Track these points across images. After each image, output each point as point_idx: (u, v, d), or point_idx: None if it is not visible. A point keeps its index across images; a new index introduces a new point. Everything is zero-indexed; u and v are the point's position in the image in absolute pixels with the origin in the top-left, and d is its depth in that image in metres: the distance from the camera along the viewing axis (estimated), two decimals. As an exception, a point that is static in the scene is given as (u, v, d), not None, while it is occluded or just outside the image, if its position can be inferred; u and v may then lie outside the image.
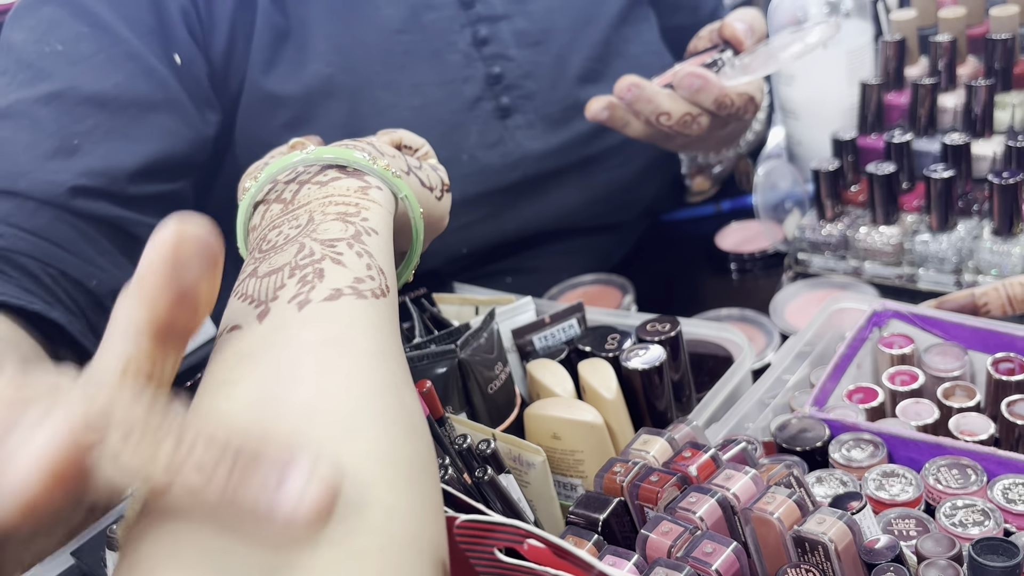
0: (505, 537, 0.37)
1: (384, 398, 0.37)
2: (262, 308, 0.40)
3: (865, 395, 0.63)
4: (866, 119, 0.94)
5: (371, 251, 0.44)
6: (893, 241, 0.86)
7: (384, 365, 0.39)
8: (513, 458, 0.57)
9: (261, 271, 0.43)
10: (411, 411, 0.39)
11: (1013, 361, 0.61)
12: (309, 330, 0.39)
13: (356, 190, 0.48)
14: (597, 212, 0.94)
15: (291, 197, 0.48)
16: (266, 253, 0.44)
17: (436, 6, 0.84)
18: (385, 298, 0.43)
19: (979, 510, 0.51)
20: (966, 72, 0.95)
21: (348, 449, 0.34)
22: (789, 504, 0.47)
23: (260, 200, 0.50)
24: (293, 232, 0.45)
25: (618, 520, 0.51)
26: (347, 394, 0.37)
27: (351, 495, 0.33)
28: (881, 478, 0.54)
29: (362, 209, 0.46)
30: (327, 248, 0.43)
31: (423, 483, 0.36)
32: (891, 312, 0.67)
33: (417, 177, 0.53)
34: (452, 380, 0.59)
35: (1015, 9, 0.90)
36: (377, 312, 0.42)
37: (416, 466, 0.36)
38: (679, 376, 0.65)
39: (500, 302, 0.72)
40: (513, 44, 0.86)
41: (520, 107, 0.86)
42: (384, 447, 0.35)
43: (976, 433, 0.59)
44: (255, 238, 0.47)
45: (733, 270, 0.97)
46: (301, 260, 0.42)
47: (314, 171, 0.49)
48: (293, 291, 0.41)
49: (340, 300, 0.40)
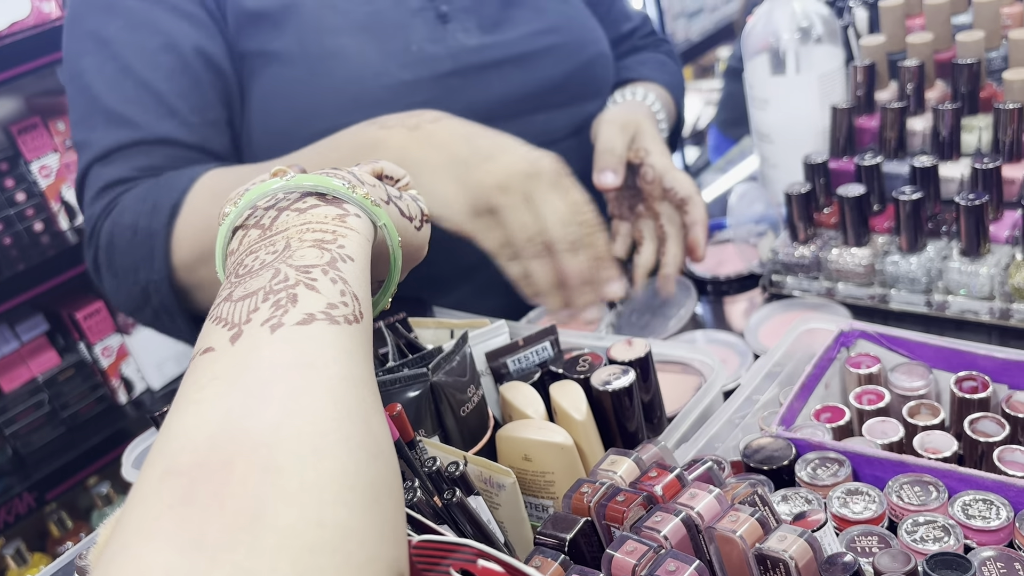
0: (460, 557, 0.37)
1: (352, 423, 0.38)
2: (235, 331, 0.41)
3: (832, 414, 0.64)
4: (838, 142, 0.95)
5: (346, 278, 0.45)
6: (864, 262, 0.87)
7: (353, 391, 0.40)
8: (484, 480, 0.58)
9: (236, 295, 0.44)
10: (378, 437, 0.40)
11: (976, 379, 0.62)
12: (281, 353, 0.40)
13: (334, 218, 0.48)
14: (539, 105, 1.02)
15: (269, 223, 0.49)
16: (242, 278, 0.45)
17: None
18: (358, 324, 0.44)
19: (940, 526, 0.51)
20: (934, 96, 0.97)
21: (314, 467, 0.35)
22: (752, 522, 0.48)
23: (239, 225, 0.51)
24: (269, 258, 0.45)
25: (586, 540, 0.51)
26: (315, 416, 0.37)
27: (311, 514, 0.33)
28: (845, 496, 0.55)
29: (339, 236, 0.47)
30: (302, 274, 0.44)
31: (384, 507, 0.37)
32: (858, 332, 0.68)
33: (397, 206, 0.54)
34: (424, 403, 0.60)
35: (980, 35, 0.92)
36: (350, 338, 0.42)
37: (379, 490, 0.37)
38: (650, 397, 0.66)
39: (475, 325, 0.73)
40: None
41: (456, 16, 0.98)
42: (349, 470, 0.36)
43: (940, 451, 0.60)
44: (232, 262, 0.48)
45: (708, 292, 0.98)
46: (275, 285, 0.43)
47: (293, 198, 0.50)
48: (266, 315, 0.41)
49: (312, 325, 0.41)
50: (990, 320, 0.82)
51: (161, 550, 0.32)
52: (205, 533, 0.33)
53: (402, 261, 0.54)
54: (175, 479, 0.35)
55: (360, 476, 0.36)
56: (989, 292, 0.81)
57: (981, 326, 0.82)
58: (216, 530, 0.33)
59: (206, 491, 0.34)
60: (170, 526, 0.33)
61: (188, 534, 0.33)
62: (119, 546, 0.33)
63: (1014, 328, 0.81)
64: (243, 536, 0.32)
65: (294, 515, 0.34)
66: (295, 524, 0.33)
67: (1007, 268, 0.80)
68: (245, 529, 0.33)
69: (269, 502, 0.33)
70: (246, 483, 0.34)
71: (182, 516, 0.33)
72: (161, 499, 0.34)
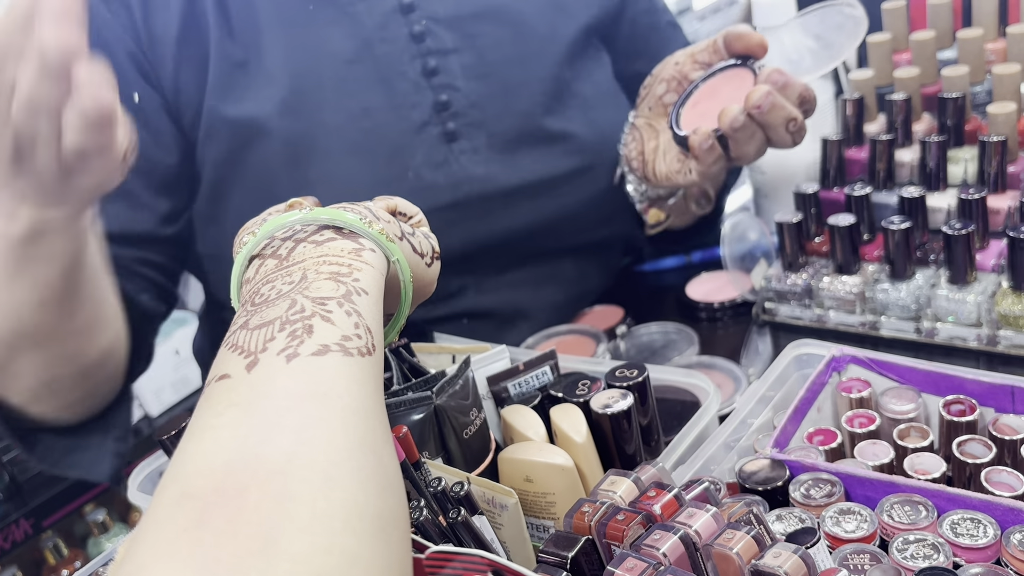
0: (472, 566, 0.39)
1: (363, 454, 0.39)
2: (251, 359, 0.42)
3: (825, 437, 0.66)
4: (828, 173, 0.98)
5: (360, 311, 0.46)
6: (855, 290, 0.89)
7: (365, 423, 0.41)
8: (487, 500, 0.59)
9: (252, 323, 0.45)
10: (387, 468, 0.41)
11: (963, 403, 0.64)
12: (295, 383, 0.41)
13: (350, 251, 0.50)
14: (546, 237, 0.98)
15: (286, 254, 0.50)
16: (258, 307, 0.46)
17: (389, 39, 0.90)
18: (371, 356, 0.45)
19: (929, 544, 0.53)
20: (921, 129, 0.99)
21: (326, 497, 0.37)
22: (747, 540, 0.49)
23: (256, 254, 0.52)
24: (286, 288, 0.47)
25: (587, 558, 0.53)
26: (328, 446, 0.39)
27: (322, 542, 0.35)
28: (838, 515, 0.57)
29: (354, 270, 0.48)
30: (318, 305, 0.45)
31: (391, 537, 0.38)
32: (849, 357, 0.70)
33: (410, 243, 0.55)
34: (428, 426, 0.62)
35: (965, 70, 0.94)
36: (362, 370, 0.43)
37: (386, 521, 0.38)
38: (647, 420, 0.67)
39: (476, 350, 0.74)
40: (461, 76, 0.92)
41: (466, 133, 0.91)
42: (359, 500, 0.38)
43: (929, 472, 0.61)
44: (248, 291, 0.49)
45: (703, 319, 1.00)
46: (292, 315, 0.44)
47: (311, 230, 0.51)
48: (282, 344, 0.43)
49: (327, 356, 0.42)
50: (977, 346, 0.84)
51: (176, 572, 0.34)
52: (219, 558, 0.34)
53: (412, 296, 0.55)
54: (191, 502, 0.36)
55: (369, 506, 0.38)
56: (976, 319, 0.83)
57: (969, 352, 0.84)
58: (229, 555, 0.34)
59: (221, 516, 0.35)
60: (185, 549, 0.34)
61: (202, 557, 0.34)
62: (135, 567, 0.35)
63: (1000, 354, 0.83)
64: (255, 562, 0.34)
65: (305, 543, 0.35)
66: (305, 552, 0.35)
67: (993, 296, 0.82)
68: (257, 555, 0.34)
69: (281, 530, 0.35)
70: (260, 510, 0.35)
71: (196, 539, 0.35)
72: (176, 522, 0.36)
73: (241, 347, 0.43)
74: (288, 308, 0.45)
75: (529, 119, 0.93)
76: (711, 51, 0.88)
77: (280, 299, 0.46)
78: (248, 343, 0.43)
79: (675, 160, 0.87)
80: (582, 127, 0.96)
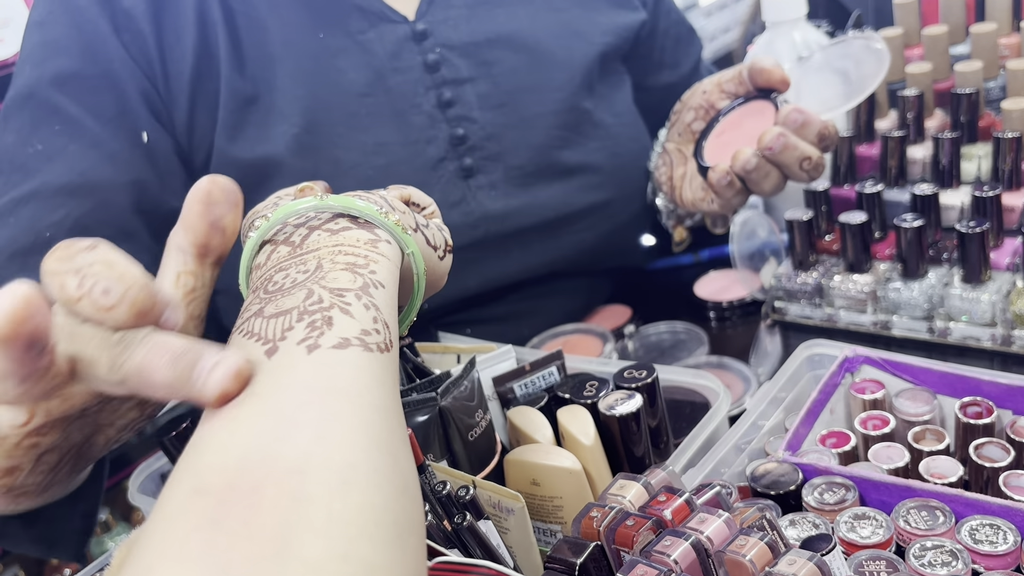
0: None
1: (381, 455, 0.38)
2: (270, 346, 0.41)
3: (838, 439, 0.65)
4: (839, 170, 0.96)
5: (378, 304, 0.44)
6: (866, 289, 0.88)
7: (384, 421, 0.39)
8: (493, 505, 0.58)
9: (267, 311, 0.43)
10: (404, 471, 0.39)
11: (980, 405, 0.63)
12: (315, 377, 0.39)
13: (366, 242, 0.48)
14: (562, 273, 0.97)
15: (300, 241, 0.48)
16: (272, 295, 0.44)
17: (402, 70, 0.87)
18: (388, 353, 0.43)
19: (948, 551, 0.52)
20: (933, 125, 0.98)
21: (342, 499, 0.35)
22: (761, 546, 0.48)
23: (267, 240, 0.50)
24: (301, 277, 0.45)
25: (595, 564, 0.52)
26: (346, 446, 0.37)
27: (337, 547, 0.33)
28: (852, 520, 0.55)
29: (371, 262, 0.47)
30: (336, 297, 0.43)
31: (407, 542, 0.37)
32: (862, 358, 0.69)
33: (424, 235, 0.54)
34: (433, 427, 0.61)
35: (979, 65, 0.93)
36: (381, 366, 0.42)
37: (402, 526, 0.37)
38: (656, 422, 0.66)
39: (481, 350, 0.73)
40: (477, 106, 0.89)
41: (483, 168, 0.89)
42: (376, 504, 0.36)
43: (946, 476, 0.60)
44: (259, 277, 0.48)
45: (711, 318, 0.99)
46: (310, 306, 0.42)
47: (325, 218, 0.50)
48: (302, 334, 0.41)
49: (348, 350, 0.41)
50: (992, 346, 0.82)
51: (187, 574, 0.32)
52: (231, 560, 0.32)
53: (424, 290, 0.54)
54: (203, 499, 0.35)
55: (387, 512, 0.36)
56: (991, 319, 0.82)
57: (983, 352, 0.83)
58: (242, 558, 0.32)
59: (234, 515, 0.34)
60: (196, 549, 0.33)
61: (214, 560, 0.32)
62: (144, 568, 0.33)
63: (1016, 354, 0.81)
64: (268, 566, 0.32)
65: (320, 547, 0.33)
66: (320, 557, 0.33)
67: (1008, 295, 0.81)
68: (271, 560, 0.32)
69: (296, 533, 0.33)
70: (275, 510, 0.34)
71: (209, 540, 0.33)
72: (188, 519, 0.34)
73: (258, 334, 0.42)
74: (305, 298, 0.43)
75: (546, 152, 0.91)
76: (737, 81, 0.88)
77: (296, 288, 0.44)
78: (265, 330, 0.41)
79: (700, 188, 0.89)
80: (601, 159, 0.94)
